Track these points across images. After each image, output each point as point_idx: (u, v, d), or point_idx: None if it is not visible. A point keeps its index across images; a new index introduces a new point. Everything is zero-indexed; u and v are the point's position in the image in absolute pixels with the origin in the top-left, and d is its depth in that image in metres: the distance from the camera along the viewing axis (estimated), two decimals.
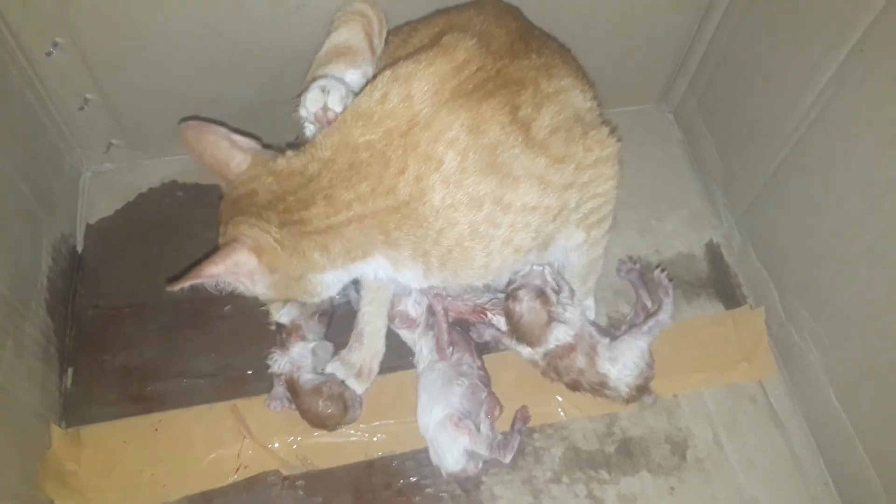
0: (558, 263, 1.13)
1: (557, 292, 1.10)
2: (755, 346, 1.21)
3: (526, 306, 1.08)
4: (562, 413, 1.15)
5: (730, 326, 1.23)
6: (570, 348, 1.09)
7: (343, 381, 1.09)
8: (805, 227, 1.13)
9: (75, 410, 1.12)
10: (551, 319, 1.08)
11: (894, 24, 0.90)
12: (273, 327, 1.15)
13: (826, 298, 1.10)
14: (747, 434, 1.15)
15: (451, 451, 1.05)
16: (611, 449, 1.13)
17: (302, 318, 1.13)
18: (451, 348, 1.13)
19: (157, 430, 1.10)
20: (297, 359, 1.08)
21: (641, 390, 1.11)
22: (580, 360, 1.08)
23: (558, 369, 1.09)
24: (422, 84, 0.86)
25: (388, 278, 0.95)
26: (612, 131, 0.99)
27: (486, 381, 1.12)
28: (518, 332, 1.08)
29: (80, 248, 1.28)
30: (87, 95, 1.21)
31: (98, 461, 1.08)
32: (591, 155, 0.93)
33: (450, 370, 1.11)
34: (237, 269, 0.87)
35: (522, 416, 1.11)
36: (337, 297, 1.06)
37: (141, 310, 1.21)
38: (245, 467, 1.08)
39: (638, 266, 1.25)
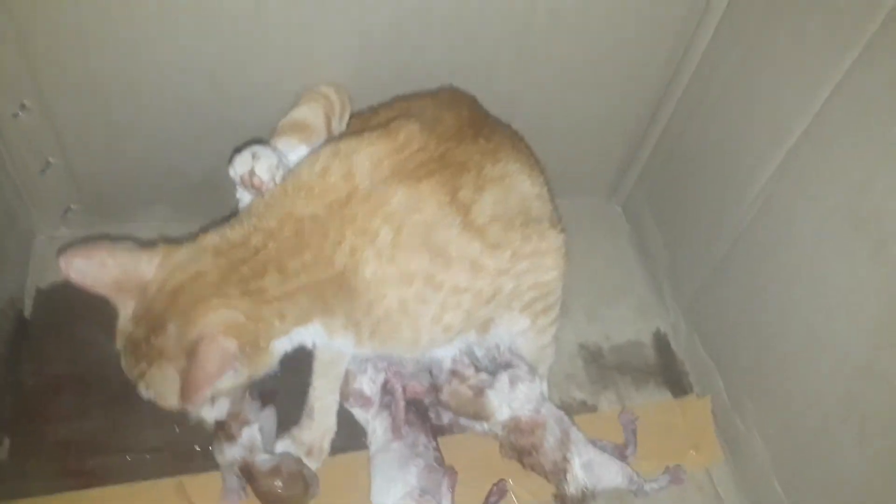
0: (505, 348, 1.15)
1: (474, 365, 1.13)
2: (702, 434, 1.24)
3: (447, 393, 1.11)
4: (514, 499, 1.14)
5: (678, 414, 1.26)
6: (535, 425, 1.10)
7: (300, 459, 1.07)
8: (749, 317, 1.18)
9: (10, 484, 1.06)
10: (479, 389, 1.10)
11: (836, 119, 0.97)
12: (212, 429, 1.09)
13: (769, 387, 1.14)
14: None
15: None
16: None
17: (237, 404, 1.08)
18: (406, 427, 1.12)
19: None
20: (247, 443, 1.05)
21: (584, 500, 1.11)
22: (549, 441, 1.08)
23: (520, 445, 1.09)
24: (362, 159, 0.90)
25: (323, 344, 0.97)
26: (558, 223, 1.03)
27: (441, 462, 1.12)
28: (459, 412, 1.11)
29: (27, 313, 1.24)
30: (50, 159, 1.20)
31: None
32: (529, 245, 0.96)
33: (405, 450, 1.10)
34: (227, 360, 0.84)
35: (499, 489, 1.11)
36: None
37: (86, 380, 1.17)
38: None
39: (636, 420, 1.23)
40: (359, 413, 1.17)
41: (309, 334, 0.94)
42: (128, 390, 1.16)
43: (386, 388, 1.17)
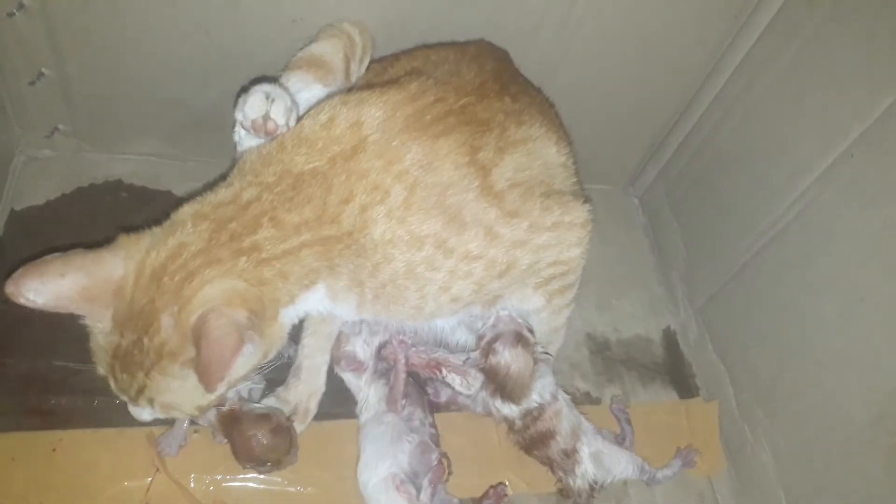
0: None
1: (532, 331, 1.04)
2: (707, 439, 1.18)
3: (510, 355, 1.00)
4: (509, 487, 1.07)
5: (683, 416, 1.20)
6: (553, 412, 1.03)
7: (289, 419, 0.99)
8: (771, 326, 1.12)
9: None
10: (537, 361, 1.02)
11: (888, 134, 0.93)
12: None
13: (787, 401, 1.09)
14: None
15: None
16: None
17: None
18: (404, 400, 1.05)
19: (54, 449, 0.95)
20: (242, 390, 0.96)
21: (589, 496, 1.04)
22: (564, 430, 1.01)
23: (535, 433, 1.02)
24: (372, 110, 0.82)
25: (325, 310, 0.88)
26: (585, 201, 0.95)
27: (437, 440, 1.04)
28: (505, 387, 1.01)
29: None
30: (43, 70, 1.10)
31: None
32: (549, 217, 0.88)
33: (400, 424, 1.02)
34: (241, 333, 0.74)
35: (496, 493, 1.03)
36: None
37: (56, 315, 1.07)
38: None
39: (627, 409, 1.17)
40: (349, 378, 1.09)
41: (315, 300, 0.85)
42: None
43: (381, 354, 1.09)
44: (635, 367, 1.25)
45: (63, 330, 1.04)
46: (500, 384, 1.02)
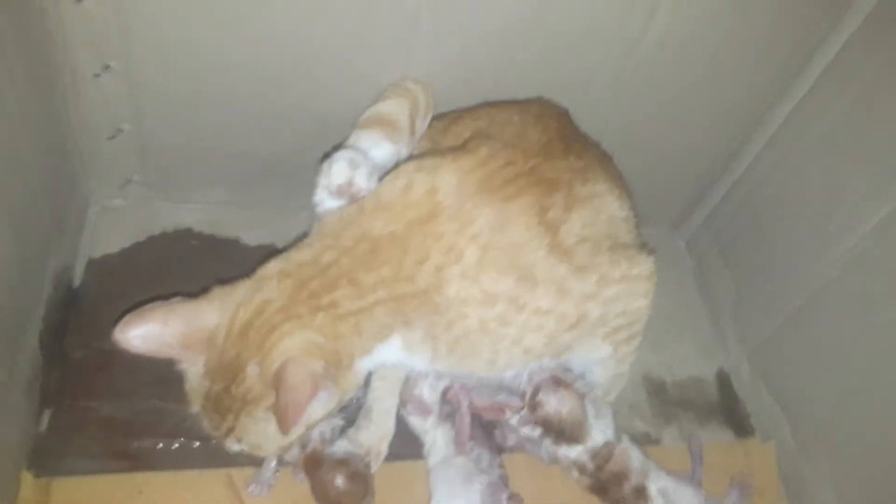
0: (579, 373, 1.10)
1: (569, 370, 1.07)
2: (766, 479, 1.20)
3: (555, 400, 1.04)
4: None
5: (740, 456, 1.22)
6: (622, 452, 1.05)
7: (368, 464, 1.01)
8: (829, 369, 1.14)
9: (49, 459, 0.99)
10: (582, 398, 1.05)
11: None
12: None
13: (849, 440, 1.10)
14: None
15: None
16: None
17: None
18: (471, 442, 1.07)
19: (140, 492, 0.98)
20: (325, 430, 1.00)
21: None
22: (634, 469, 1.03)
23: (608, 474, 1.04)
24: (447, 176, 0.86)
25: (399, 361, 0.91)
26: (650, 252, 0.99)
27: (506, 480, 1.06)
28: (564, 431, 1.04)
29: (77, 282, 1.18)
30: (123, 126, 1.15)
31: None
32: (618, 270, 0.92)
33: (469, 466, 1.05)
34: (316, 381, 0.78)
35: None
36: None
37: (137, 358, 1.09)
38: None
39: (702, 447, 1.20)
40: (415, 421, 1.11)
41: (390, 351, 0.89)
42: (179, 372, 1.12)
43: (446, 398, 1.12)
44: (691, 407, 1.27)
45: (143, 373, 1.09)
46: (558, 430, 1.05)
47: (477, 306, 0.84)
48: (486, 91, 1.15)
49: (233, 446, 0.87)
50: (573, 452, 1.05)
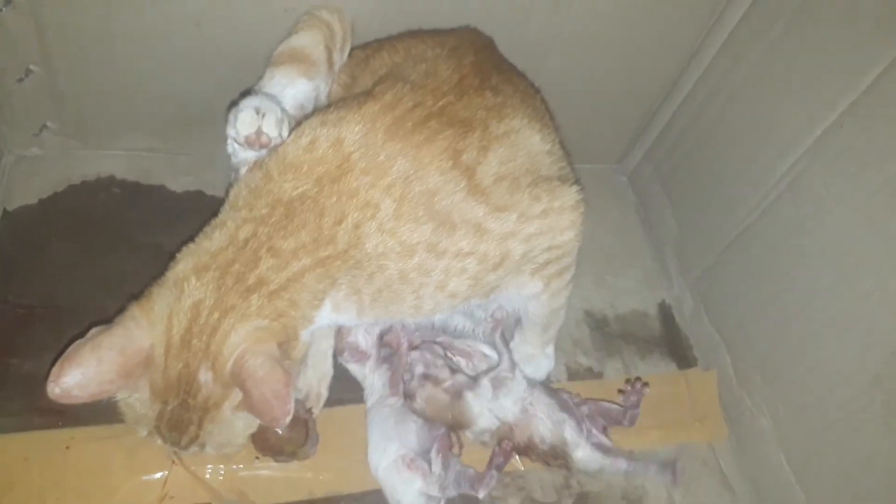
0: (514, 310, 1.10)
1: (448, 367, 1.06)
2: (707, 407, 1.21)
3: (422, 398, 1.02)
4: (519, 461, 1.09)
5: (683, 386, 1.23)
6: (525, 425, 1.03)
7: (310, 409, 0.99)
8: (766, 296, 1.15)
9: None
10: (456, 392, 1.03)
11: (877, 102, 0.95)
12: None
13: (785, 366, 1.11)
14: (700, 496, 1.13)
15: (406, 493, 0.97)
16: (568, 502, 1.07)
17: None
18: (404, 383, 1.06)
19: (67, 447, 0.95)
20: None
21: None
22: (542, 440, 1.03)
23: (516, 445, 1.03)
24: (351, 126, 0.82)
25: (330, 322, 0.89)
26: (574, 182, 0.96)
27: None
28: (442, 422, 1.03)
29: None
30: (32, 66, 1.08)
31: None
32: (538, 205, 0.89)
33: (403, 407, 1.04)
34: (281, 363, 0.76)
35: (503, 451, 1.03)
36: None
37: (59, 313, 1.06)
38: (171, 497, 0.95)
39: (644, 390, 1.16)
40: (354, 368, 1.10)
41: (324, 316, 0.86)
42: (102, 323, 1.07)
43: (383, 341, 1.11)
44: (634, 341, 1.28)
45: (67, 329, 1.04)
46: (437, 421, 1.04)
47: (396, 258, 0.82)
48: (408, 21, 1.10)
49: (194, 452, 0.85)
50: (468, 434, 1.05)
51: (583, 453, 1.04)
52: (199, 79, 1.15)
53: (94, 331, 0.77)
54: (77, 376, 0.73)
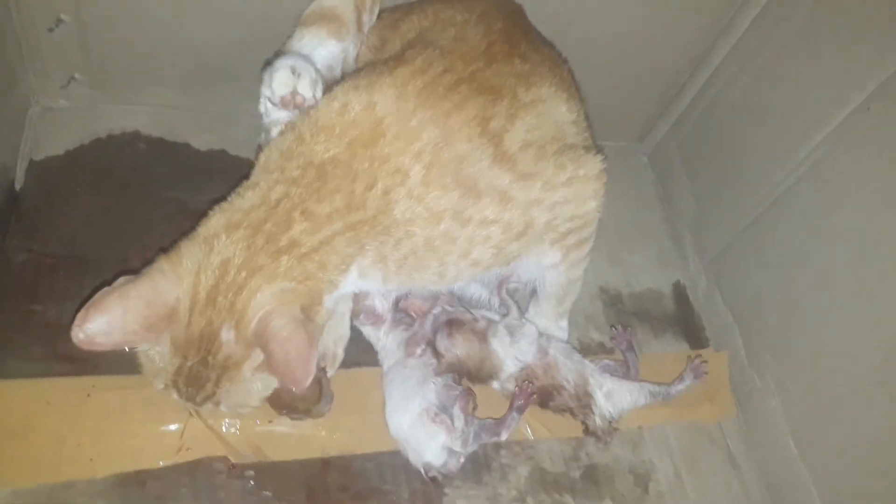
0: (531, 280, 1.10)
1: (467, 310, 1.08)
2: (718, 387, 1.22)
3: (451, 345, 1.04)
4: (529, 431, 1.10)
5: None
6: (547, 367, 1.06)
7: (324, 369, 1.00)
8: (781, 276, 1.16)
9: None
10: (482, 337, 1.05)
11: None
12: None
13: (795, 346, 1.13)
14: (706, 472, 1.15)
15: (431, 446, 0.98)
16: (576, 474, 1.09)
17: None
18: (423, 345, 1.07)
19: (88, 395, 0.96)
20: None
21: (611, 431, 1.08)
22: (567, 379, 1.05)
23: (540, 389, 1.05)
24: (385, 90, 0.82)
25: (357, 288, 0.90)
26: (598, 152, 0.96)
27: (458, 381, 1.06)
28: (469, 372, 1.05)
29: (18, 185, 1.12)
30: (62, 16, 1.08)
31: (13, 421, 0.92)
32: (564, 173, 0.89)
33: (423, 368, 1.05)
34: (305, 326, 0.77)
35: (524, 393, 1.04)
36: None
37: (82, 263, 1.07)
38: (188, 449, 0.96)
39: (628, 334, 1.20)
40: (369, 331, 1.11)
41: (350, 281, 0.86)
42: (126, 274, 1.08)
43: (399, 307, 1.12)
44: (647, 319, 1.28)
45: (89, 278, 1.06)
46: (467, 372, 1.06)
47: (423, 225, 0.82)
48: None
49: (210, 410, 0.86)
50: (494, 384, 1.07)
51: (608, 387, 1.07)
52: (220, 33, 1.15)
53: (121, 280, 0.78)
54: (102, 324, 0.74)
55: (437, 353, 1.05)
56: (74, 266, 1.07)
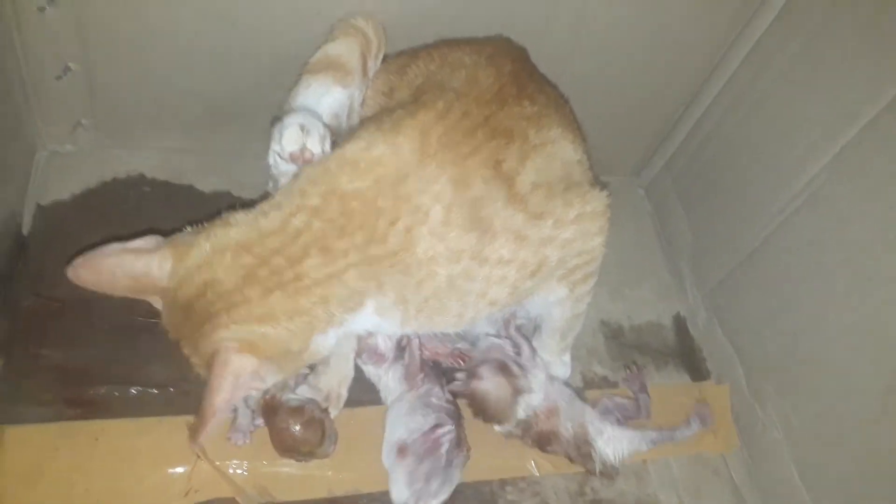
0: (536, 315, 1.12)
1: (520, 366, 1.08)
2: (720, 419, 1.23)
3: (491, 383, 1.05)
4: (534, 468, 1.11)
5: (696, 398, 1.25)
6: (549, 412, 1.06)
7: (327, 411, 1.01)
8: (780, 308, 1.17)
9: (2, 407, 0.97)
10: (517, 393, 1.06)
11: None
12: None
13: (798, 378, 1.13)
14: None
15: (393, 478, 1.00)
16: None
17: None
18: (421, 375, 1.08)
19: (97, 439, 0.97)
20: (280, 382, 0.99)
21: (612, 474, 1.09)
22: (566, 426, 1.06)
23: (538, 434, 1.06)
24: (409, 132, 0.84)
25: (372, 327, 0.91)
26: (602, 188, 0.98)
27: (455, 415, 1.07)
28: (486, 411, 1.05)
29: (25, 230, 1.14)
30: (70, 64, 1.11)
31: (22, 467, 0.93)
32: (572, 210, 0.91)
33: (417, 400, 1.06)
34: (241, 381, 0.79)
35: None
36: None
37: (89, 305, 1.07)
38: (196, 491, 0.97)
39: (641, 376, 1.22)
40: (370, 370, 1.12)
41: (362, 319, 0.87)
42: (133, 320, 1.10)
43: (400, 346, 1.13)
44: (648, 351, 1.30)
45: (96, 321, 1.08)
46: (480, 408, 1.07)
47: (445, 263, 0.84)
48: (444, 28, 1.12)
49: None
50: (499, 428, 1.08)
51: (608, 434, 1.07)
52: (228, 77, 1.17)
53: (137, 242, 0.84)
54: (90, 278, 0.82)
55: (471, 374, 1.06)
56: (82, 310, 1.07)
